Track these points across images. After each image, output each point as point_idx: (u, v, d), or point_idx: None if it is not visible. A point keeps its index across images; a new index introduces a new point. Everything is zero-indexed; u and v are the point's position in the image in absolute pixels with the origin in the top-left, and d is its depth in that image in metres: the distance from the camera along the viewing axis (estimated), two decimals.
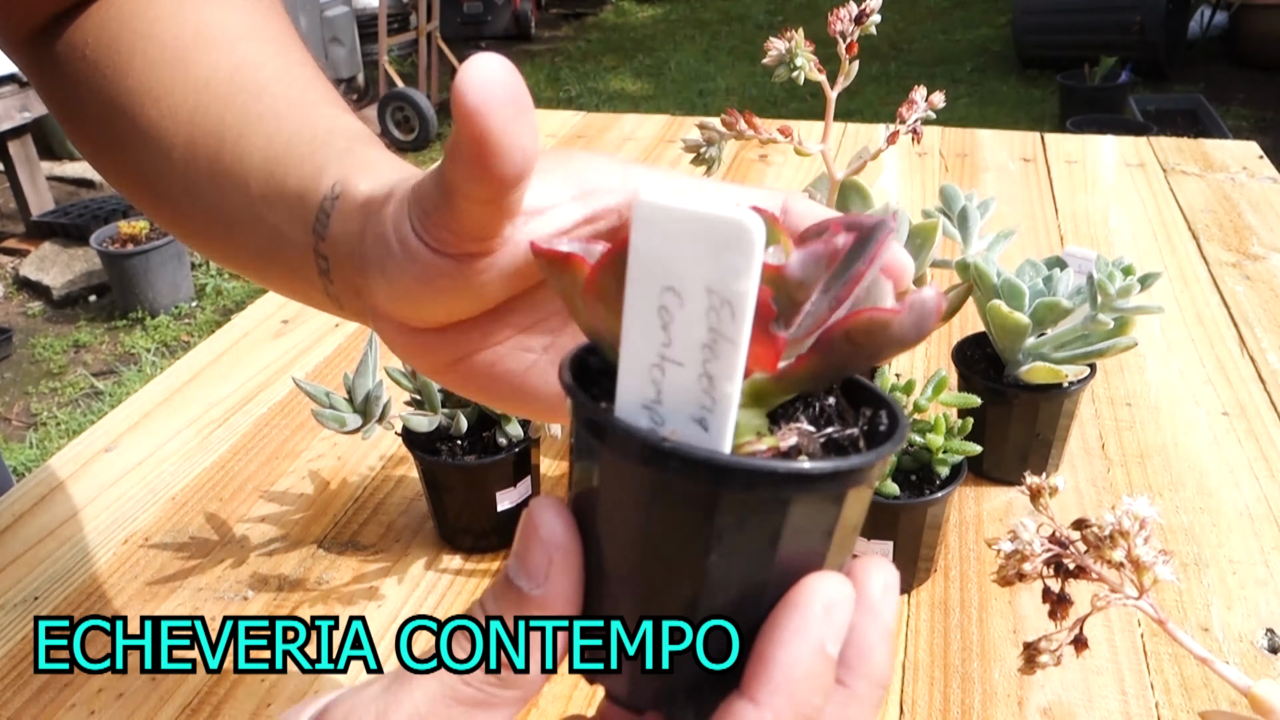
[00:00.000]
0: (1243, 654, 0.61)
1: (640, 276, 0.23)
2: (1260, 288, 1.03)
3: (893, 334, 0.24)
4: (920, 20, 5.80)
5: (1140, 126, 3.65)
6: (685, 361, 0.23)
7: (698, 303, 0.23)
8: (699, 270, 0.22)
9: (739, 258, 0.22)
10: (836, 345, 0.25)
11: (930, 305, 0.24)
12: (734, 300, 0.22)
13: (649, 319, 0.23)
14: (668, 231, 0.22)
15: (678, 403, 0.24)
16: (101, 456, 0.84)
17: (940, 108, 0.63)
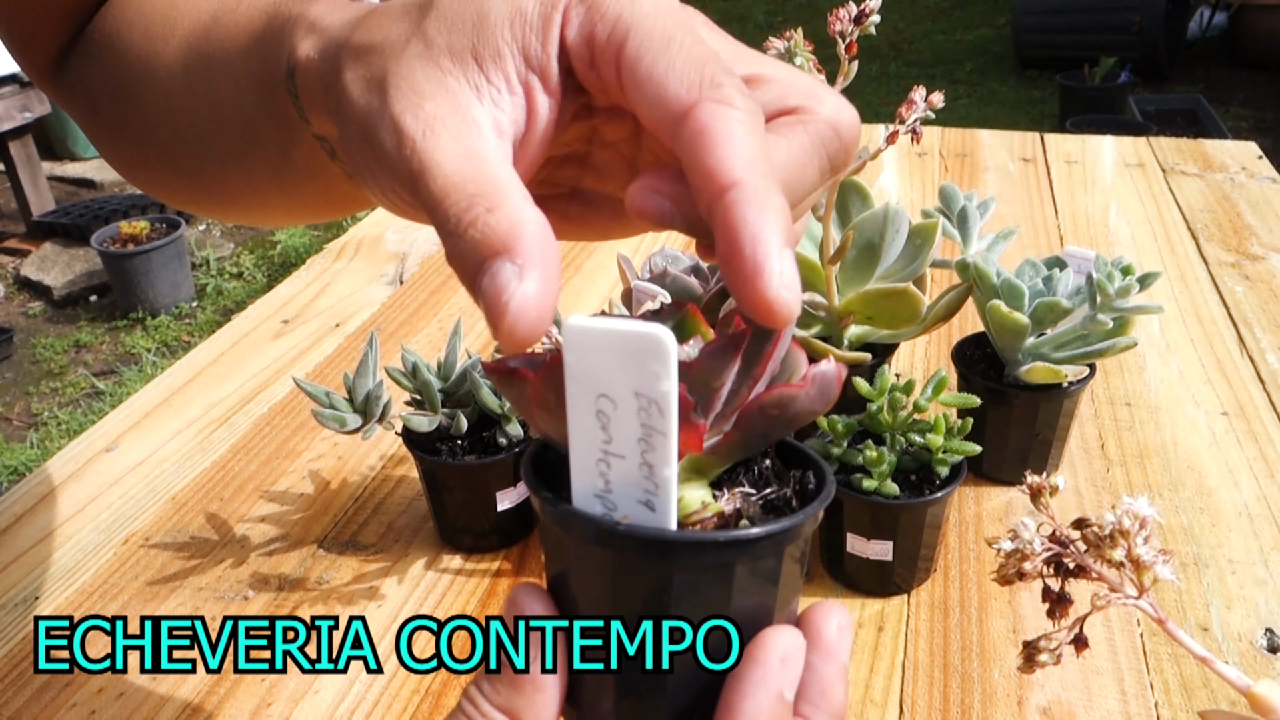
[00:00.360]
0: (1242, 654, 0.61)
1: (577, 389, 0.26)
2: (1259, 288, 1.03)
3: (800, 406, 0.29)
4: (920, 20, 5.80)
5: (1140, 127, 3.65)
6: (626, 454, 0.27)
7: (628, 405, 0.26)
8: (625, 378, 0.26)
9: (658, 365, 0.25)
10: (754, 419, 0.29)
11: (830, 378, 0.29)
12: (659, 400, 0.26)
13: (589, 422, 0.27)
14: (594, 347, 0.26)
15: (625, 489, 0.27)
16: (102, 456, 0.84)
17: (940, 108, 0.63)
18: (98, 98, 0.49)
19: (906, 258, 0.71)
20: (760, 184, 0.26)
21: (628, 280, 0.76)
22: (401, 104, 0.28)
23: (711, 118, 0.26)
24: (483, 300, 0.25)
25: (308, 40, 0.34)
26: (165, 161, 0.48)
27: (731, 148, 0.26)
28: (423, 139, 0.27)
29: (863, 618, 0.64)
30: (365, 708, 0.59)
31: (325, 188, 0.40)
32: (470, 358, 0.69)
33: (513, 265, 0.25)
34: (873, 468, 0.61)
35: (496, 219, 0.26)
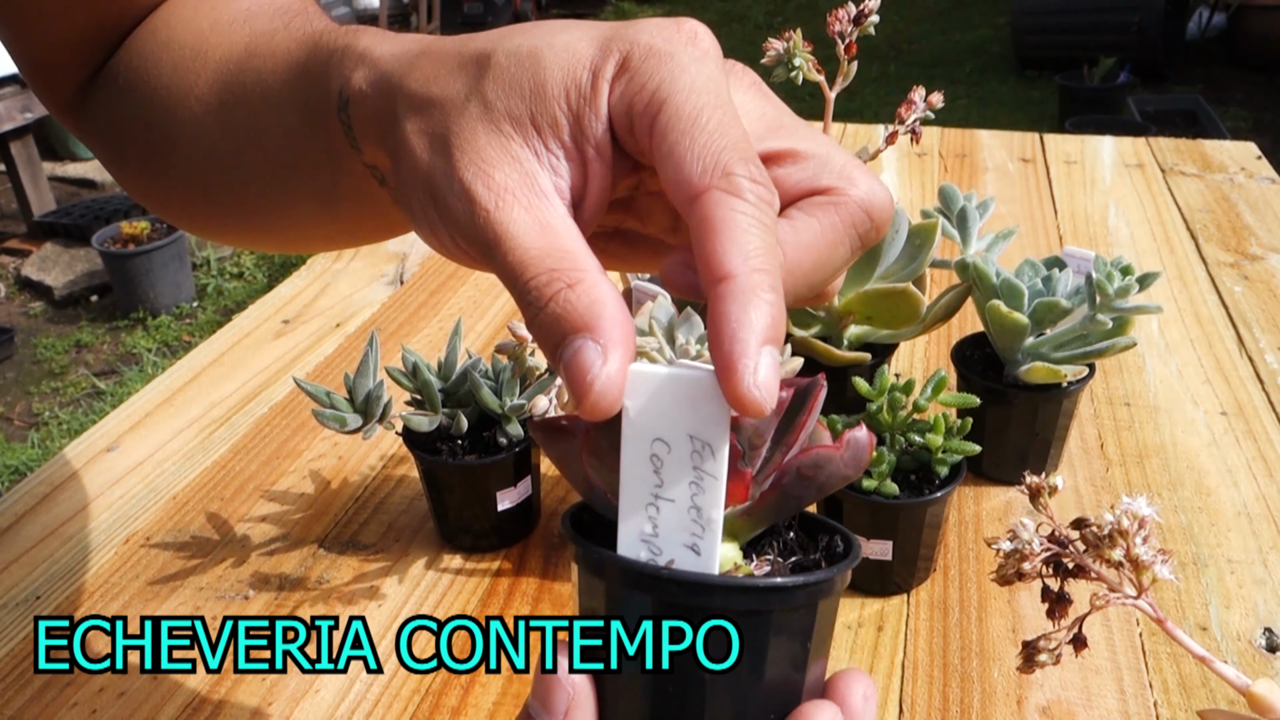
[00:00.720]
0: (1241, 653, 0.61)
1: (633, 433, 0.28)
2: (1259, 288, 1.03)
3: (835, 469, 0.30)
4: (919, 21, 5.80)
5: (1139, 127, 3.65)
6: (676, 498, 0.28)
7: (683, 448, 0.27)
8: (683, 421, 0.27)
9: (714, 407, 0.27)
10: (791, 481, 0.30)
11: (863, 444, 0.30)
12: (713, 443, 0.27)
13: (643, 467, 0.28)
14: (655, 392, 0.27)
15: (671, 534, 0.28)
16: (103, 456, 0.84)
17: (939, 108, 0.63)
18: (124, 132, 0.49)
19: (906, 258, 0.71)
20: (751, 279, 0.26)
21: (627, 280, 0.76)
22: (470, 171, 0.29)
23: (715, 207, 0.27)
24: (565, 374, 0.27)
25: (359, 72, 0.35)
26: (200, 192, 0.48)
27: (730, 239, 0.26)
28: (496, 210, 0.28)
29: (862, 617, 0.64)
30: (365, 708, 0.59)
31: (374, 213, 0.41)
32: (470, 358, 0.69)
33: (595, 345, 0.26)
34: (872, 467, 0.61)
35: (577, 295, 0.27)
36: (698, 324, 0.68)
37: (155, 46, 0.48)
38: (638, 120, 0.29)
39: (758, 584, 0.28)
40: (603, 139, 0.29)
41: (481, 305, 1.06)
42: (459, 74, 0.31)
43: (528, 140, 0.29)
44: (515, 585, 0.68)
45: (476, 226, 0.28)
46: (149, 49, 0.48)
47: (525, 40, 0.30)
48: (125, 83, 0.49)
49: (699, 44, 0.30)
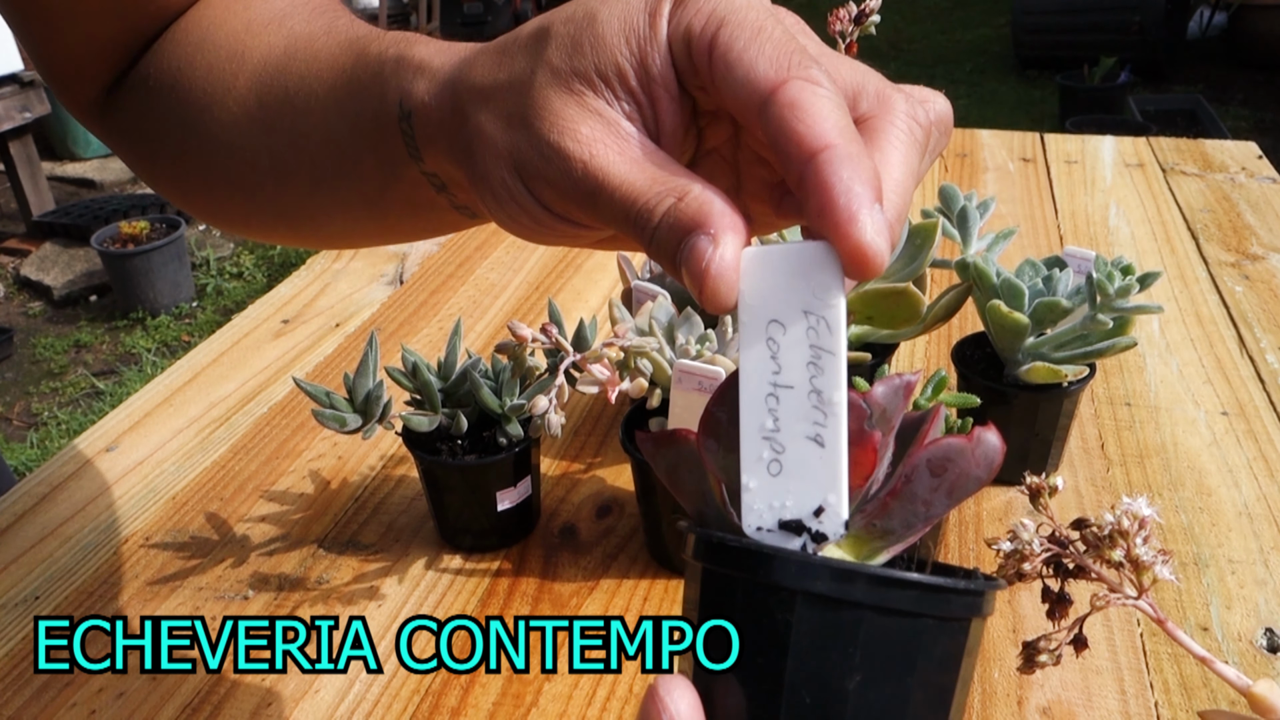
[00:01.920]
0: (1242, 653, 0.61)
1: (749, 318, 0.27)
2: (1259, 288, 1.03)
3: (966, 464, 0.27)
4: (920, 20, 5.80)
5: (1139, 127, 3.65)
6: (795, 383, 0.26)
7: (798, 326, 0.26)
8: (795, 297, 0.26)
9: (827, 275, 0.26)
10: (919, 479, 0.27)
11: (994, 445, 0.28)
12: (828, 315, 0.26)
13: (760, 353, 0.27)
14: (766, 270, 0.26)
15: (793, 425, 0.26)
16: (102, 456, 0.84)
17: None
18: (156, 133, 0.49)
19: (906, 258, 0.71)
20: (853, 148, 0.27)
21: (628, 280, 0.76)
22: (555, 132, 0.30)
23: (800, 92, 0.27)
24: (685, 273, 0.27)
25: (420, 83, 0.35)
26: (239, 191, 0.48)
27: (822, 116, 0.27)
28: (592, 159, 0.29)
29: None
30: (365, 708, 0.59)
31: (424, 217, 0.41)
32: (470, 358, 0.69)
33: (706, 235, 0.27)
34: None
35: (686, 203, 0.28)
36: (698, 324, 0.68)
37: (189, 48, 0.48)
38: (696, 42, 0.29)
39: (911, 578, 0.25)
40: (668, 75, 0.30)
41: (481, 305, 1.06)
42: (520, 55, 0.32)
43: (599, 93, 0.30)
44: (515, 585, 0.68)
45: (575, 179, 0.29)
46: (182, 51, 0.48)
47: (579, 6, 0.31)
48: (157, 84, 0.49)
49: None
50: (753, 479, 0.27)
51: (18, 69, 3.38)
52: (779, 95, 0.27)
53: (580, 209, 0.30)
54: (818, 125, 0.27)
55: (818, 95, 0.27)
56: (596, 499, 0.76)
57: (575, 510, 0.75)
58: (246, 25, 0.47)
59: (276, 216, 0.48)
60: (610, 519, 0.74)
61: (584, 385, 0.60)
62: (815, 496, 0.26)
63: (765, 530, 0.27)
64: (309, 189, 0.44)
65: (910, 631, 0.25)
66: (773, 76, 0.28)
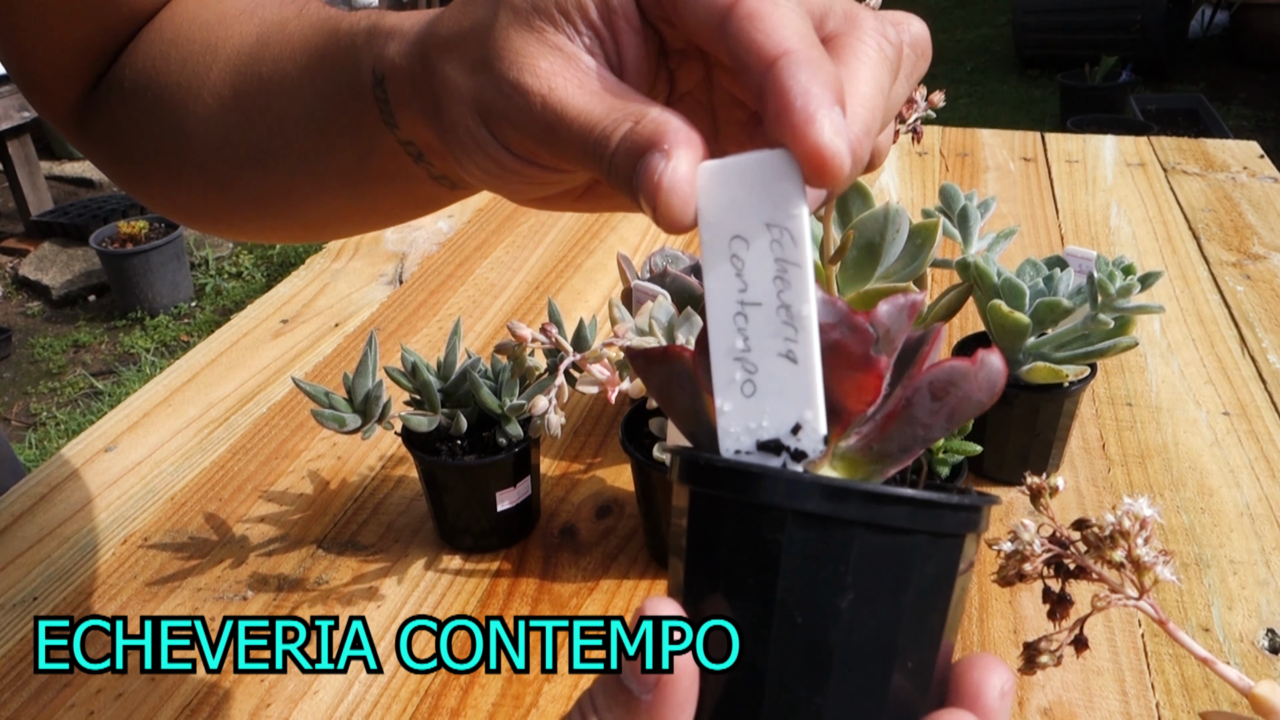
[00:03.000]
0: (1243, 654, 0.61)
1: (711, 235, 0.26)
2: (1261, 287, 1.03)
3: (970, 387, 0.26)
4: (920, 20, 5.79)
5: (1141, 126, 3.65)
6: (762, 299, 0.25)
7: (762, 240, 0.25)
8: (756, 210, 0.25)
9: (787, 184, 0.25)
10: (920, 401, 0.26)
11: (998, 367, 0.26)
12: (790, 226, 0.25)
13: (725, 271, 0.25)
14: (724, 183, 0.25)
15: (763, 343, 0.25)
16: (101, 456, 0.84)
17: (940, 107, 0.62)
18: (132, 135, 0.49)
19: (907, 257, 0.71)
20: (813, 53, 0.26)
21: (628, 280, 0.76)
22: (515, 69, 0.29)
23: (759, 3, 0.26)
24: (640, 194, 0.26)
25: (392, 46, 0.35)
26: (216, 188, 0.47)
27: (781, 24, 0.26)
28: (550, 92, 0.29)
29: None
30: (365, 708, 0.59)
31: (405, 191, 0.41)
32: (470, 358, 0.69)
33: (660, 152, 0.26)
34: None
35: (642, 125, 0.27)
36: (698, 323, 0.68)
37: (162, 45, 0.48)
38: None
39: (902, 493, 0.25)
40: (628, 5, 0.30)
41: (481, 305, 1.05)
42: (480, 3, 0.31)
43: (560, 28, 0.30)
44: (515, 585, 0.68)
45: (535, 113, 0.29)
46: (156, 48, 0.48)
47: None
48: (132, 85, 0.48)
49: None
50: (727, 402, 0.26)
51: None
52: (737, 9, 0.27)
53: (542, 146, 0.30)
54: (776, 33, 0.26)
55: (776, 5, 0.26)
56: (596, 499, 0.76)
57: (575, 510, 0.75)
58: (219, 18, 0.47)
59: (256, 208, 0.47)
60: (610, 519, 0.73)
61: (584, 385, 0.60)
62: (791, 414, 0.26)
63: (743, 453, 0.26)
64: (288, 174, 0.44)
65: (903, 548, 0.25)
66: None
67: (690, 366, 0.28)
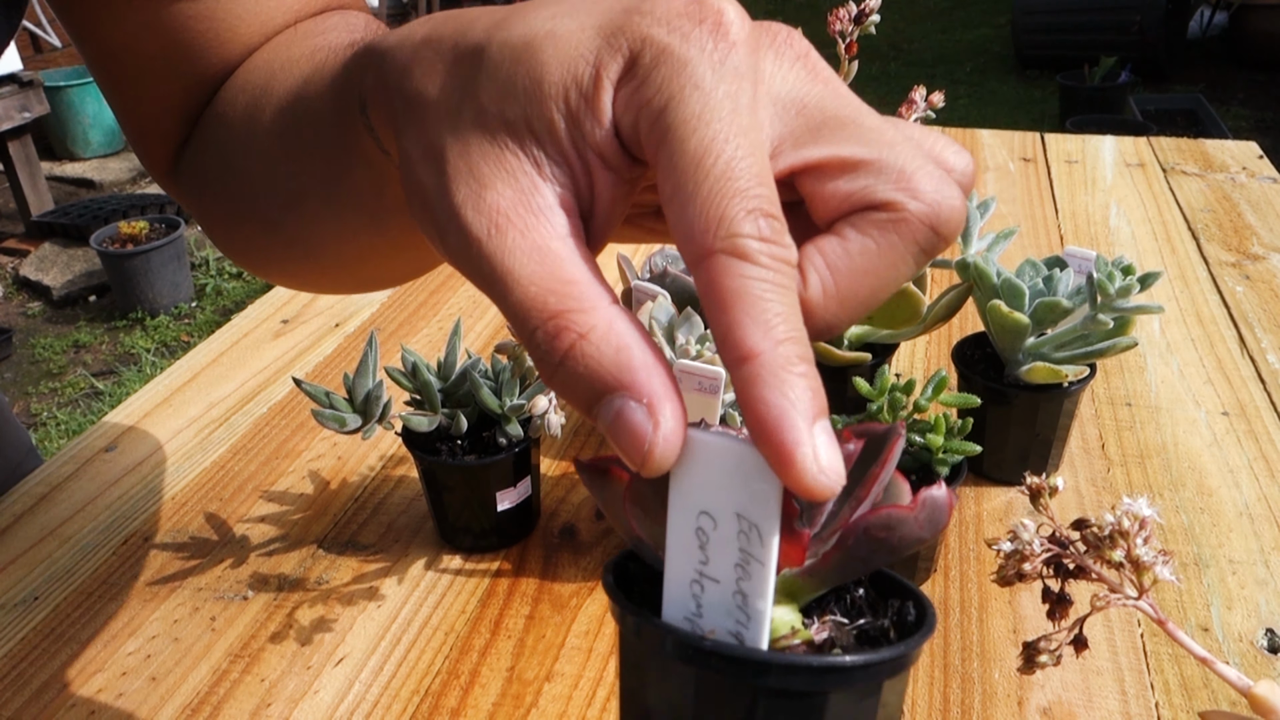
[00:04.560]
0: (1243, 654, 0.61)
1: (679, 501, 0.25)
2: (1260, 288, 1.03)
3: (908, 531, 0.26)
4: (920, 20, 5.80)
5: (1140, 126, 3.65)
6: (721, 579, 0.25)
7: (729, 526, 0.25)
8: (730, 496, 0.24)
9: (765, 485, 0.24)
10: (858, 541, 0.27)
11: (942, 503, 0.26)
12: (761, 526, 0.24)
13: (688, 539, 0.25)
14: (702, 460, 0.24)
15: (716, 616, 0.26)
16: (101, 456, 0.84)
17: (940, 107, 0.63)
18: (209, 181, 0.50)
19: None
20: (778, 354, 0.23)
21: (628, 280, 0.76)
22: (461, 192, 0.26)
23: (723, 275, 0.24)
24: (614, 439, 0.24)
25: (371, 71, 0.32)
26: (274, 233, 0.47)
27: (746, 313, 0.23)
28: (488, 239, 0.26)
29: None
30: (365, 708, 0.59)
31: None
32: (470, 358, 0.69)
33: (639, 405, 0.24)
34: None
35: (595, 346, 0.24)
36: (698, 324, 0.68)
37: (233, 90, 0.48)
38: (645, 140, 0.26)
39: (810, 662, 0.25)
40: (607, 145, 0.26)
41: (481, 305, 1.06)
42: (454, 71, 0.28)
43: (525, 148, 0.26)
44: (515, 585, 0.68)
45: (471, 258, 0.26)
46: (228, 94, 0.49)
47: (523, 28, 0.27)
48: (210, 131, 0.49)
49: (723, 36, 0.26)
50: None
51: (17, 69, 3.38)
52: (704, 270, 0.24)
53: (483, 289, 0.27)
54: (739, 325, 0.23)
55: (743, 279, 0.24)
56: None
57: (575, 510, 0.75)
58: (284, 62, 0.47)
59: (300, 250, 0.47)
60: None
61: None
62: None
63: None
64: (318, 211, 0.43)
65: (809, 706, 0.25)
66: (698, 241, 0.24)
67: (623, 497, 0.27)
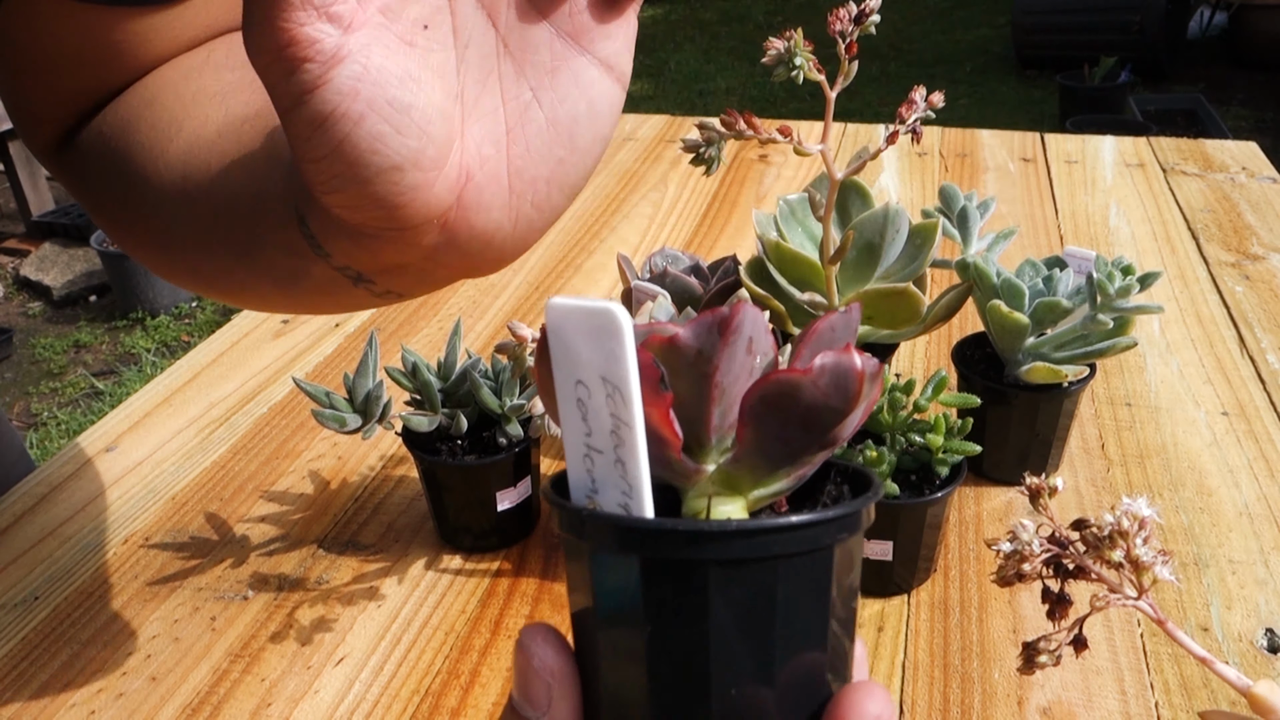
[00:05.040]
0: (1242, 654, 0.61)
1: (561, 374, 0.25)
2: (1260, 288, 1.03)
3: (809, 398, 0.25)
4: (920, 20, 5.80)
5: (1140, 126, 3.65)
6: (603, 449, 0.25)
7: (599, 392, 0.24)
8: (593, 360, 0.24)
9: (614, 343, 0.24)
10: (760, 415, 0.25)
11: (845, 368, 0.24)
12: (620, 384, 0.24)
13: (572, 411, 0.25)
14: (567, 327, 0.24)
15: (607, 489, 0.25)
16: (102, 456, 0.84)
17: (940, 108, 0.62)
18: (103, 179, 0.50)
19: (906, 258, 0.71)
20: None
21: (628, 280, 0.76)
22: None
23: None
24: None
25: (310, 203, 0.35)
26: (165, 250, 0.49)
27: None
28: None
29: (863, 618, 0.64)
30: (365, 707, 0.59)
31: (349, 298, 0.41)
32: (470, 358, 0.69)
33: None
34: (873, 467, 0.61)
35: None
36: None
37: (139, 104, 0.49)
38: None
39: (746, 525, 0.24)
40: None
41: (481, 305, 1.06)
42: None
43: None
44: (515, 585, 0.68)
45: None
46: (135, 104, 0.49)
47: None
48: (109, 134, 0.49)
49: None
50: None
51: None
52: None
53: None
54: None
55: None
56: None
57: None
58: (194, 94, 0.47)
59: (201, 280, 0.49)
60: None
61: None
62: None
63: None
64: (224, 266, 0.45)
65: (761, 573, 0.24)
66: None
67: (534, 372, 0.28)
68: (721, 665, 0.25)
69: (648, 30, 6.09)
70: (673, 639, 0.25)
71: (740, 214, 1.23)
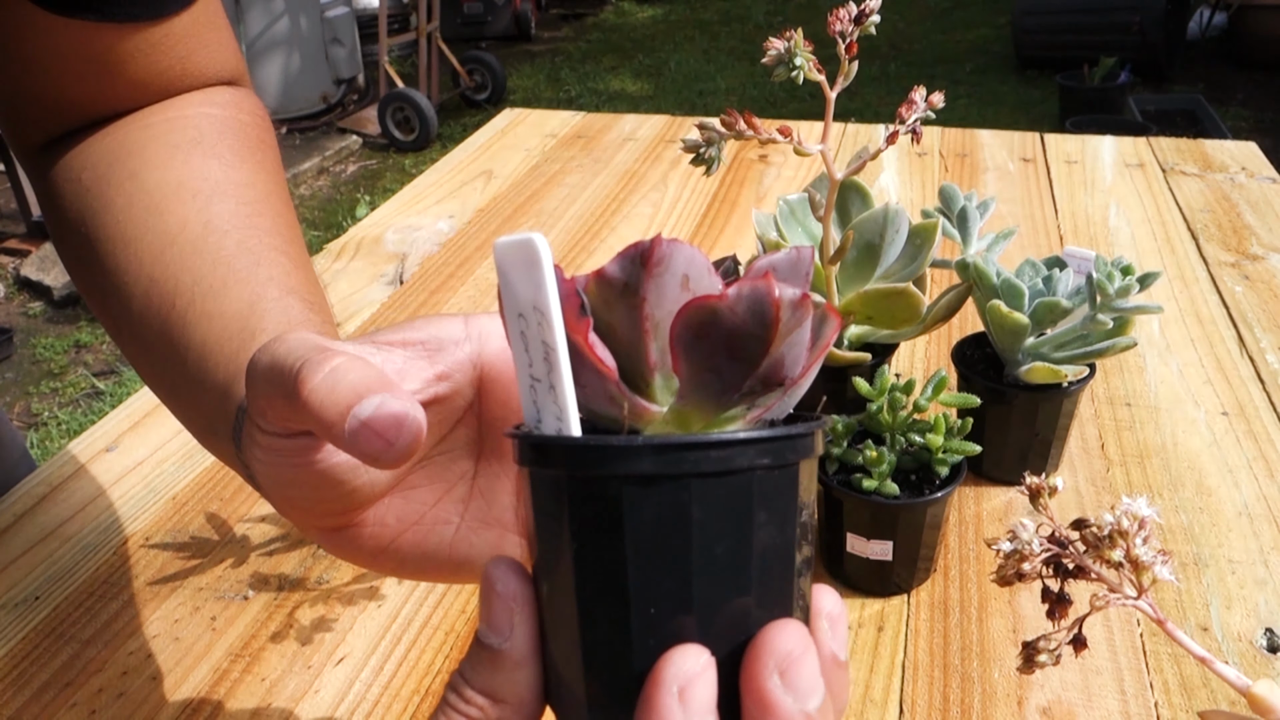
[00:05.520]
0: (1242, 654, 0.61)
1: (506, 308, 0.26)
2: (1259, 288, 1.03)
3: (727, 323, 0.25)
4: (920, 20, 5.80)
5: (1139, 127, 3.65)
6: (541, 377, 0.26)
7: (533, 321, 0.26)
8: (524, 292, 0.25)
9: (536, 271, 0.25)
10: (687, 340, 0.26)
11: (760, 294, 0.24)
12: (543, 310, 0.25)
13: (519, 344, 0.26)
14: (505, 263, 0.26)
15: (547, 415, 0.26)
16: (102, 456, 0.84)
17: (940, 108, 0.63)
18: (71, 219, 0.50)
19: (906, 258, 0.71)
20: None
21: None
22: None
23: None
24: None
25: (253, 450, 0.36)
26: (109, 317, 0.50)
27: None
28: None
29: (862, 618, 0.64)
30: (366, 707, 0.59)
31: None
32: None
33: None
34: (873, 467, 0.61)
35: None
36: None
37: (124, 174, 0.48)
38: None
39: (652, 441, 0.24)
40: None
41: (481, 305, 1.06)
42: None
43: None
44: None
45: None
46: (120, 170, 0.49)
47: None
48: (87, 182, 0.49)
49: None
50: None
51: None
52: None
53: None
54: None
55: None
56: None
57: None
58: (178, 184, 0.47)
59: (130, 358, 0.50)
60: None
61: None
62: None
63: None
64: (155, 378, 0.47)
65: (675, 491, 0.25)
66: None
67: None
68: (640, 584, 0.25)
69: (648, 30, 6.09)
70: (595, 556, 0.25)
71: (740, 214, 1.23)
